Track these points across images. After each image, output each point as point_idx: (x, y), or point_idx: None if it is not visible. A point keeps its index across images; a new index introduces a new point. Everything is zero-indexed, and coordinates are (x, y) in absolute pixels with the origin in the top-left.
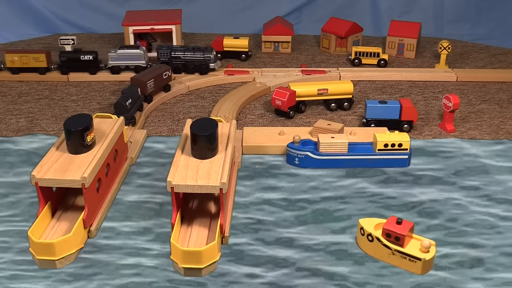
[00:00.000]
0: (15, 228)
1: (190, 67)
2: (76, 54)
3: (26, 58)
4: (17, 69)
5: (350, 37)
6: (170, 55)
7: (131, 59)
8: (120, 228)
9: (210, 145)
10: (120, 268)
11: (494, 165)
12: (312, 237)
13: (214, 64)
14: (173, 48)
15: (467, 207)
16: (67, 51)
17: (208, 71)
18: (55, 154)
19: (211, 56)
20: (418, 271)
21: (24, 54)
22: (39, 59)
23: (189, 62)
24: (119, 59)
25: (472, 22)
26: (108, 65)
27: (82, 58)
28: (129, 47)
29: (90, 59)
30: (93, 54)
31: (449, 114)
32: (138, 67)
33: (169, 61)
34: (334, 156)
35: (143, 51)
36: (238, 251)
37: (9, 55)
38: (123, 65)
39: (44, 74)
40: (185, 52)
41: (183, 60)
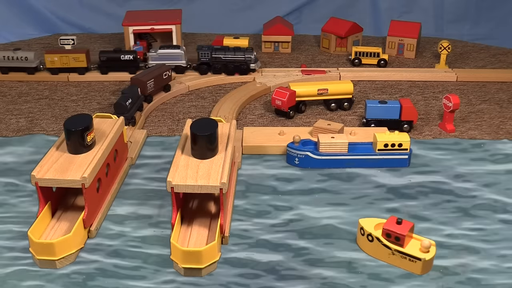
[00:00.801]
0: (15, 228)
1: (230, 67)
2: (116, 53)
3: (66, 58)
4: (56, 70)
5: (350, 37)
6: (211, 55)
7: (172, 59)
8: (119, 228)
9: (210, 145)
10: (120, 268)
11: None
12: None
13: (255, 65)
14: (214, 49)
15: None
16: (107, 51)
17: (248, 72)
18: (55, 154)
19: (252, 57)
20: (418, 271)
21: (64, 54)
22: (79, 59)
23: (229, 62)
24: (160, 59)
25: (472, 22)
26: (149, 65)
27: (122, 57)
28: (170, 47)
29: (130, 58)
30: (133, 54)
31: (449, 114)
32: (178, 67)
33: (210, 61)
34: (334, 156)
35: (184, 51)
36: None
37: (49, 55)
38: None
39: (83, 74)
40: (226, 52)
41: (223, 60)
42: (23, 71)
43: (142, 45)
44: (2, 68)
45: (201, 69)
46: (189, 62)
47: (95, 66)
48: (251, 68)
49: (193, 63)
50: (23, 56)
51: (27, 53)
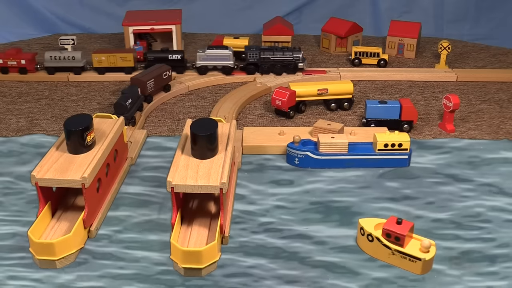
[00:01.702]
0: (15, 228)
1: (278, 67)
2: (163, 53)
3: (114, 58)
4: (103, 69)
5: (350, 37)
6: (259, 56)
7: (220, 59)
8: (119, 228)
9: (210, 145)
10: (120, 268)
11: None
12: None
13: (303, 64)
14: (262, 49)
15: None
16: (154, 50)
17: (296, 71)
18: (55, 154)
19: (300, 56)
20: (418, 271)
21: (112, 54)
22: (126, 58)
23: (278, 62)
24: (208, 59)
25: (472, 22)
26: (196, 65)
27: (170, 57)
28: (217, 47)
29: (178, 58)
30: (180, 54)
31: (449, 114)
32: (226, 67)
33: (258, 62)
34: (334, 156)
35: (231, 51)
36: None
37: (96, 55)
38: (211, 66)
39: (130, 74)
40: (275, 52)
41: (272, 60)
42: (69, 71)
43: (142, 45)
44: (49, 68)
45: (248, 69)
46: (236, 63)
47: (142, 65)
48: (299, 67)
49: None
50: (70, 55)
51: (74, 53)
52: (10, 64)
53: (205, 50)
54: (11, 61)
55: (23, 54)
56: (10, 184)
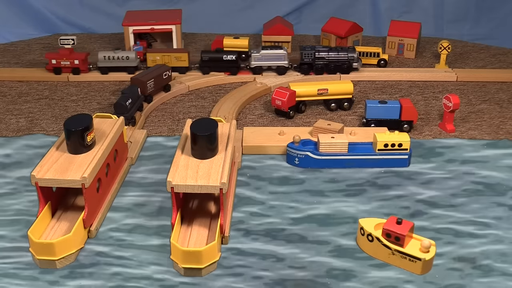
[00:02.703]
0: (14, 228)
1: (331, 67)
2: (218, 54)
3: (168, 58)
4: None
5: (350, 37)
6: (314, 55)
7: (274, 59)
8: (120, 228)
9: (210, 145)
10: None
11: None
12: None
13: (357, 64)
14: (317, 49)
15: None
16: (209, 51)
17: (350, 71)
18: (55, 154)
19: (355, 56)
20: (418, 271)
21: (166, 54)
22: (181, 58)
23: (332, 62)
24: (263, 59)
25: (472, 22)
26: (251, 65)
27: (224, 58)
28: (272, 48)
29: (233, 59)
30: (235, 54)
31: (449, 114)
32: (280, 67)
33: (313, 61)
34: (334, 156)
35: (286, 51)
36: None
37: (151, 54)
38: (265, 66)
39: (184, 74)
40: (329, 52)
41: (326, 60)
42: (123, 70)
43: (142, 45)
44: (102, 68)
45: (303, 69)
46: (290, 63)
47: (196, 66)
48: (354, 67)
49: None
50: (124, 55)
51: (128, 53)
52: (63, 65)
53: (259, 50)
54: (64, 62)
55: (76, 54)
56: (10, 184)
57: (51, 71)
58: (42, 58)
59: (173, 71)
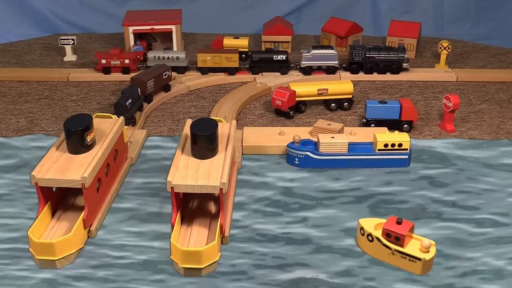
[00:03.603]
0: (14, 228)
1: (381, 67)
2: (268, 54)
3: (219, 58)
4: (206, 69)
5: (350, 37)
6: (364, 55)
7: (325, 59)
8: (119, 228)
9: (210, 145)
10: (119, 268)
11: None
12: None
13: (407, 64)
14: (367, 48)
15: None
16: (259, 51)
17: (400, 71)
18: (55, 154)
19: (405, 56)
20: (418, 271)
21: (217, 54)
22: (231, 59)
23: (382, 62)
24: (313, 59)
25: (472, 22)
26: (301, 65)
27: (274, 58)
28: (322, 47)
29: (283, 59)
30: (285, 54)
31: (449, 114)
32: (330, 67)
33: (363, 61)
34: (334, 156)
35: (336, 51)
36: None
37: (201, 55)
38: (316, 66)
39: (234, 75)
40: (380, 52)
41: (376, 60)
42: (173, 70)
43: (142, 45)
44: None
45: (352, 68)
46: (340, 63)
47: (245, 66)
48: (404, 67)
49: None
50: (174, 55)
51: (178, 53)
52: (113, 64)
53: (310, 50)
54: (115, 61)
55: (126, 54)
56: (10, 184)
57: (100, 71)
58: (42, 58)
59: (223, 72)
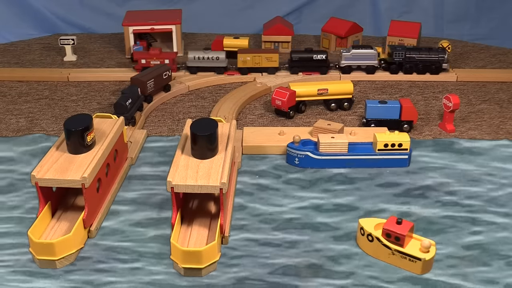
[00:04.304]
0: (15, 228)
1: (420, 67)
2: (308, 53)
3: (259, 58)
4: (246, 69)
5: (350, 37)
6: (405, 55)
7: (365, 59)
8: (119, 228)
9: (210, 145)
10: (119, 268)
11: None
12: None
13: (447, 65)
14: (408, 49)
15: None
16: (299, 50)
17: (439, 71)
18: (55, 154)
19: (445, 57)
20: (418, 271)
21: (257, 54)
22: (271, 59)
23: (422, 62)
24: (353, 59)
25: (472, 22)
26: (341, 65)
27: (314, 57)
28: (362, 47)
29: (323, 58)
30: (325, 54)
31: (449, 114)
32: (369, 67)
33: (403, 61)
34: (334, 156)
35: (376, 50)
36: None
37: (241, 55)
38: (355, 65)
39: (273, 74)
40: (420, 52)
41: (417, 60)
42: (212, 71)
43: (142, 45)
44: (192, 68)
45: (391, 68)
46: (379, 63)
47: (285, 66)
48: (443, 67)
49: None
50: (214, 56)
51: (218, 53)
52: (153, 64)
53: (349, 49)
54: (154, 61)
55: (166, 54)
56: (10, 184)
57: (139, 71)
58: (42, 58)
59: (263, 72)
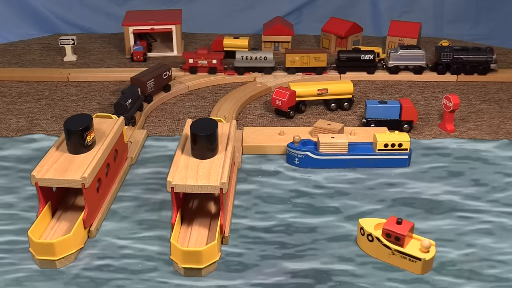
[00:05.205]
0: (15, 228)
1: (468, 68)
2: (356, 53)
3: (307, 58)
4: (294, 69)
5: (350, 37)
6: (453, 56)
7: (413, 59)
8: (119, 228)
9: (210, 145)
10: (119, 268)
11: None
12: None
13: (495, 65)
14: (456, 49)
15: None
16: (347, 50)
17: (487, 72)
18: (55, 154)
19: (493, 57)
20: (418, 271)
21: (305, 54)
22: (319, 58)
23: (470, 63)
24: (401, 59)
25: (472, 22)
26: (389, 65)
27: (362, 57)
28: (410, 47)
29: (370, 58)
30: (372, 54)
31: (449, 114)
32: (417, 67)
33: (451, 62)
34: (334, 156)
35: (424, 51)
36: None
37: (290, 55)
38: (403, 65)
39: (321, 74)
40: (468, 53)
41: (464, 61)
42: (260, 71)
43: (142, 45)
44: (239, 68)
45: (439, 69)
46: (427, 63)
47: (332, 66)
48: (491, 68)
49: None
50: (262, 56)
51: (266, 53)
52: (200, 64)
53: (397, 50)
54: (202, 61)
55: (214, 54)
56: (10, 184)
57: (187, 71)
58: (42, 58)
59: (311, 72)
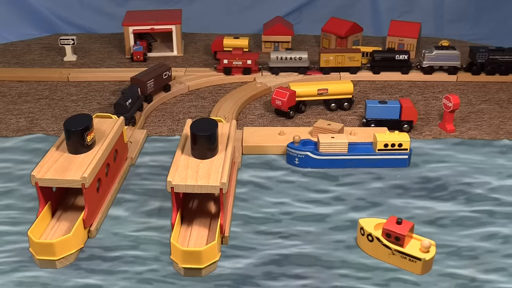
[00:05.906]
0: (15, 228)
1: (503, 68)
2: (390, 53)
3: (341, 58)
4: (328, 69)
5: (350, 37)
6: (488, 56)
7: (448, 59)
8: (119, 228)
9: (210, 145)
10: (120, 268)
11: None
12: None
13: None
14: (491, 50)
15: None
16: (381, 50)
17: None
18: (55, 154)
19: None
20: (418, 271)
21: (340, 54)
22: (354, 58)
23: (505, 63)
24: (436, 59)
25: (472, 22)
26: (424, 65)
27: (396, 57)
28: (444, 48)
29: (405, 58)
30: (407, 54)
31: (449, 114)
32: (451, 68)
33: (486, 62)
34: (334, 156)
35: (458, 51)
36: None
37: (324, 55)
38: (437, 66)
39: (355, 74)
40: (504, 53)
41: (499, 61)
42: (295, 71)
43: (142, 45)
44: (274, 68)
45: (473, 70)
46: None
47: (366, 66)
48: None
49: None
50: (297, 56)
51: (301, 53)
52: (235, 65)
53: (432, 50)
54: (236, 62)
55: (249, 55)
56: (10, 184)
57: (221, 71)
58: (42, 58)
59: (345, 71)
